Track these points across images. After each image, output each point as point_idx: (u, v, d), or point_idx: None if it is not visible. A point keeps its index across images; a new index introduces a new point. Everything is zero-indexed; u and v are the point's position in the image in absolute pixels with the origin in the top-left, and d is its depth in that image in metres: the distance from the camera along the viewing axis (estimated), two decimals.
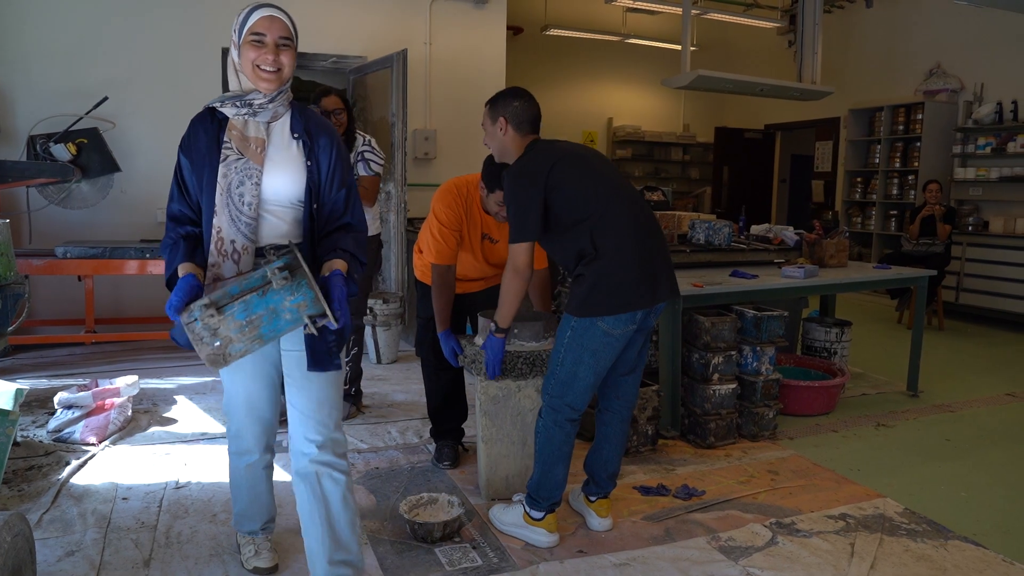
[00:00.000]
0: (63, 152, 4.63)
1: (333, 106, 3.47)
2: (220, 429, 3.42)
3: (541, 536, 2.42)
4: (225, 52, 5.31)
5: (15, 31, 4.87)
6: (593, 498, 2.58)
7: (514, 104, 2.44)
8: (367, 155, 3.61)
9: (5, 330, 3.31)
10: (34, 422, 3.44)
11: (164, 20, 5.19)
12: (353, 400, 3.69)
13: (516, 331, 2.59)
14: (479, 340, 2.64)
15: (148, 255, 4.45)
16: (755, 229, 4.86)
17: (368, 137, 3.66)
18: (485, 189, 2.69)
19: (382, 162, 3.70)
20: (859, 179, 8.28)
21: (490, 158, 2.64)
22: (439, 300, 2.79)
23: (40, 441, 3.19)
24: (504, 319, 2.43)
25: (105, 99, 4.74)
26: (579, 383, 2.33)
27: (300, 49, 5.69)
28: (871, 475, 3.09)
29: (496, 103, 2.47)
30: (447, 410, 3.13)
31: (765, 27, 8.89)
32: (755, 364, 3.49)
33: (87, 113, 4.74)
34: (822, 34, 6.35)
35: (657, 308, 2.35)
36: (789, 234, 4.59)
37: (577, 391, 2.34)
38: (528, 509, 2.43)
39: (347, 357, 3.62)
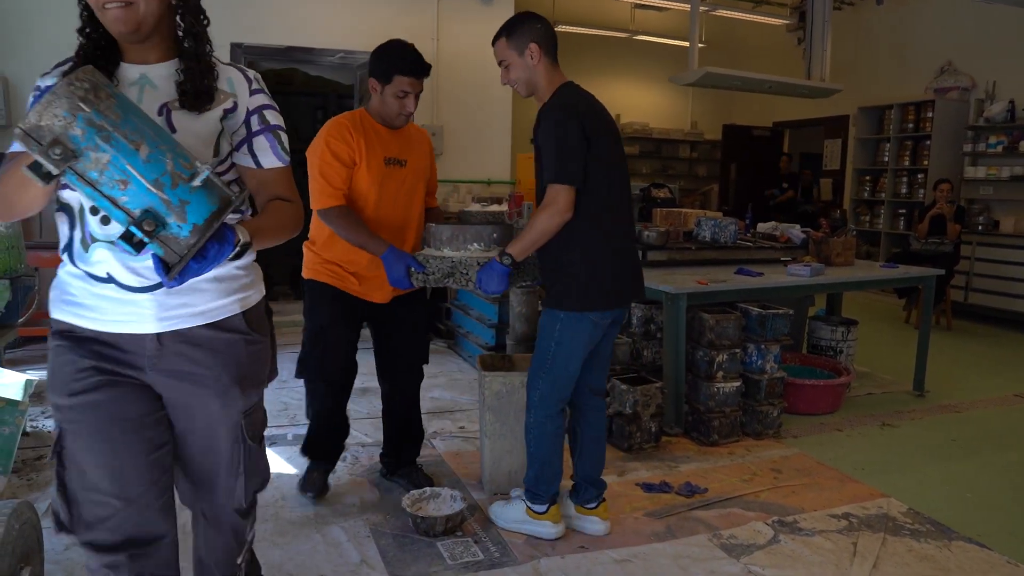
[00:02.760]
0: None
1: None
2: None
3: (547, 528, 2.43)
4: (234, 47, 5.33)
5: (25, 27, 4.89)
6: (593, 504, 2.50)
7: (538, 26, 2.26)
8: None
9: (15, 321, 3.33)
10: (43, 412, 3.47)
11: None
12: None
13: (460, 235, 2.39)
14: (447, 252, 2.36)
15: None
16: (762, 227, 4.84)
17: None
18: (380, 83, 2.42)
19: None
20: (867, 177, 8.25)
21: (379, 47, 2.44)
22: (359, 233, 2.36)
23: (49, 431, 3.22)
24: (521, 252, 2.23)
25: None
26: (570, 376, 2.34)
27: (308, 44, 5.74)
28: (875, 474, 3.08)
29: (516, 29, 2.26)
30: (331, 431, 2.73)
31: (774, 24, 8.85)
32: (760, 362, 3.49)
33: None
34: (831, 31, 6.32)
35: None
36: (796, 232, 4.58)
37: (567, 384, 2.35)
38: (530, 504, 2.44)
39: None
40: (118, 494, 1.34)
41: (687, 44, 5.95)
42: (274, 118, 1.46)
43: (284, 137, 1.48)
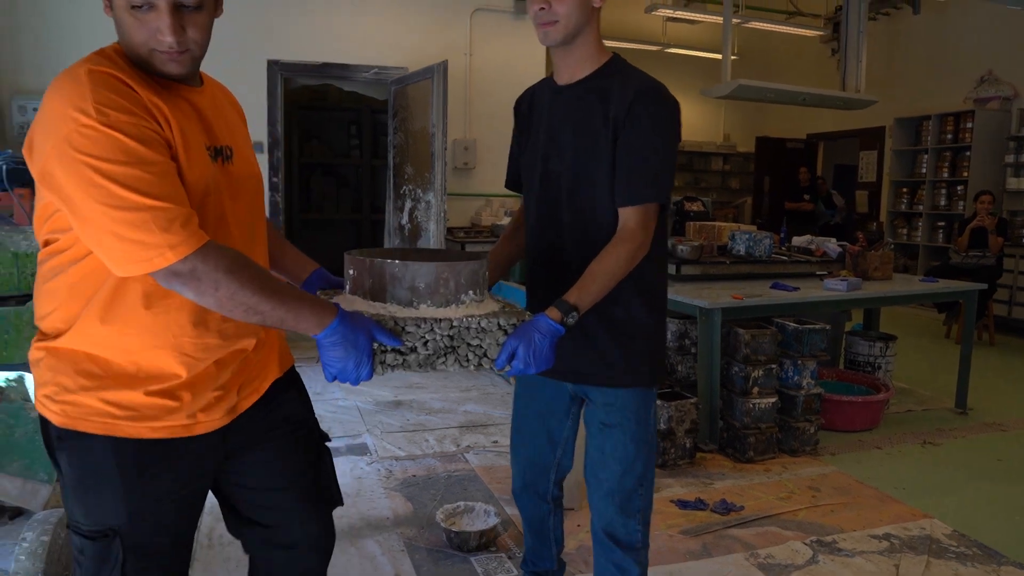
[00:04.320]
0: None
1: None
2: None
3: None
4: (271, 64, 5.43)
5: (70, 45, 5.04)
6: None
7: None
8: None
9: None
10: None
11: (216, 31, 5.33)
12: None
13: (420, 282, 1.32)
14: (427, 309, 1.31)
15: None
16: (797, 240, 4.78)
17: None
18: None
19: None
20: (905, 189, 8.11)
21: None
22: (267, 287, 1.12)
23: None
24: (591, 302, 1.46)
25: None
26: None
27: (342, 61, 5.83)
28: (917, 494, 3.01)
29: None
30: None
31: (807, 35, 8.77)
32: (796, 378, 3.44)
33: None
34: (867, 42, 6.24)
35: None
36: (832, 246, 4.52)
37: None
38: None
39: None
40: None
41: (719, 56, 5.93)
42: None
43: None
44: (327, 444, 1.49)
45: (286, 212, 6.00)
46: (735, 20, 7.81)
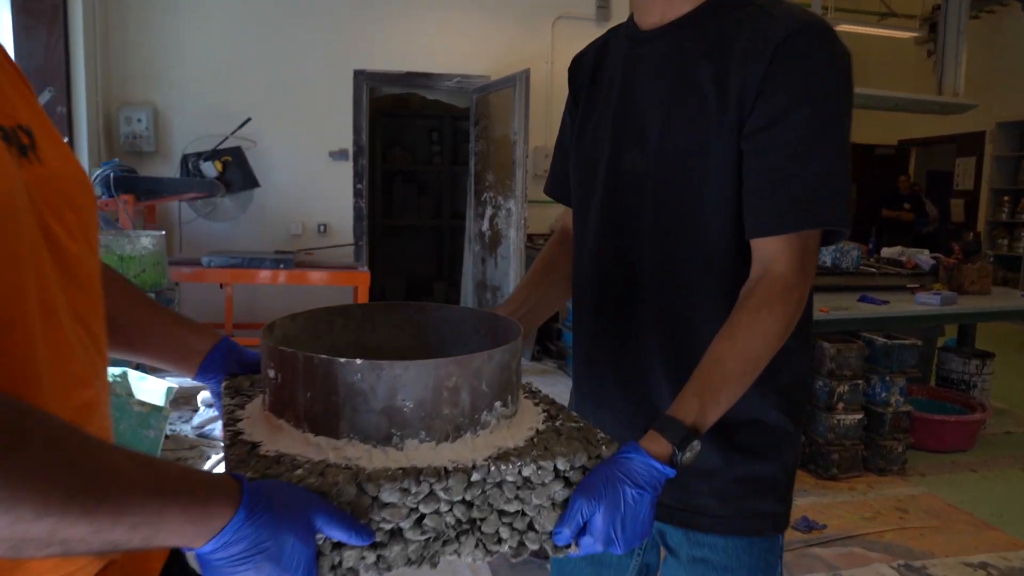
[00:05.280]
0: (211, 169, 5.03)
1: None
2: None
3: None
4: (357, 74, 5.61)
5: (173, 59, 5.34)
6: None
7: None
8: None
9: None
10: (180, 418, 3.74)
11: (303, 44, 5.55)
12: None
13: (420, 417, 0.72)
14: (426, 449, 0.72)
15: (281, 265, 4.74)
16: (887, 252, 4.61)
17: None
18: None
19: None
20: (1006, 198, 7.69)
21: None
22: (77, 478, 0.51)
23: (186, 436, 3.47)
24: (718, 409, 0.87)
25: (248, 120, 5.11)
26: None
27: (426, 70, 5.96)
28: (1017, 522, 2.86)
29: None
30: None
31: (901, 36, 8.43)
32: (884, 394, 3.32)
33: (232, 133, 5.13)
34: (966, 42, 5.96)
35: None
36: (924, 258, 4.34)
37: None
38: None
39: None
40: None
41: None
42: None
43: None
44: None
45: (369, 218, 6.17)
46: None
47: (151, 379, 3.30)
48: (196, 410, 3.66)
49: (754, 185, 0.92)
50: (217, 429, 3.43)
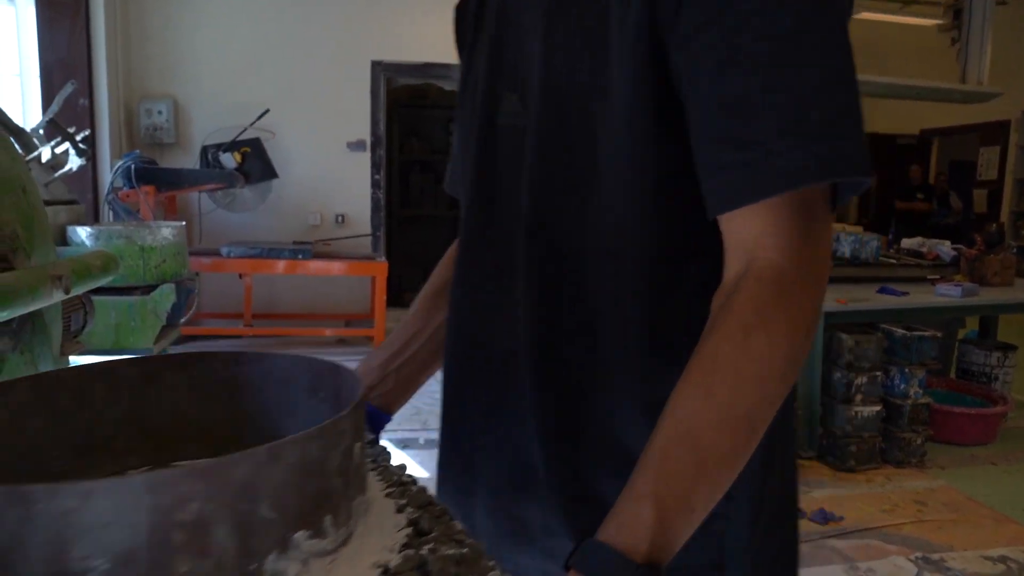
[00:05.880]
0: (230, 160, 5.07)
1: None
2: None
3: None
4: (374, 65, 5.62)
5: (192, 52, 5.38)
6: None
7: None
8: None
9: (179, 321, 3.67)
10: None
11: (320, 35, 5.57)
12: None
13: None
14: None
15: (300, 256, 4.78)
16: (907, 243, 4.57)
17: None
18: None
19: None
20: None
21: None
22: None
23: None
24: (691, 519, 0.51)
25: (267, 111, 5.14)
26: None
27: (444, 61, 5.96)
28: None
29: None
30: None
31: (923, 24, 8.31)
32: (903, 386, 3.29)
33: (251, 124, 5.16)
34: (992, 29, 5.86)
35: None
36: (945, 249, 4.29)
37: None
38: None
39: None
40: None
41: None
42: None
43: None
44: None
45: (387, 208, 6.19)
46: None
47: None
48: None
49: (706, 126, 0.56)
50: None
